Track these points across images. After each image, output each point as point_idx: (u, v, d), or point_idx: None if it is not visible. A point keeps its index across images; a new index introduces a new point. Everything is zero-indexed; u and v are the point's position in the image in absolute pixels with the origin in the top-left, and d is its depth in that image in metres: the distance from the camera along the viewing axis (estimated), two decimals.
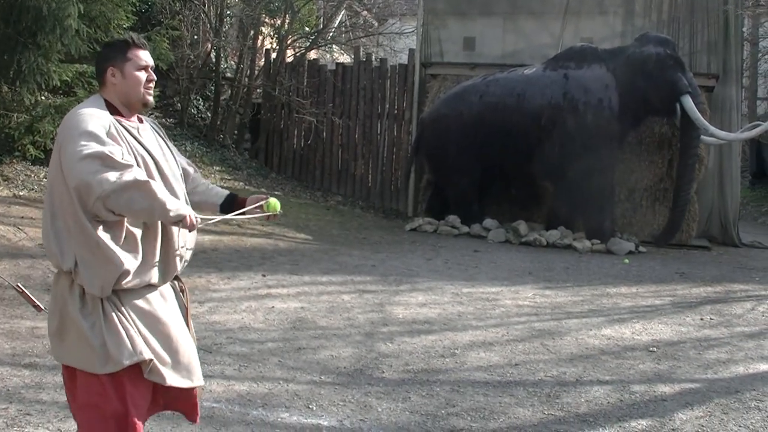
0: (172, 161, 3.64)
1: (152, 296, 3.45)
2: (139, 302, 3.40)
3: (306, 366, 6.82)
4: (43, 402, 5.57)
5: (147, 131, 3.59)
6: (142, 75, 3.53)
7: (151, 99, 3.59)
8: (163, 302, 3.49)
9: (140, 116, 3.63)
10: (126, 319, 3.33)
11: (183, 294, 3.67)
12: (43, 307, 3.77)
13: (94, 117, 3.33)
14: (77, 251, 3.28)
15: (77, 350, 3.33)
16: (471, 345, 7.80)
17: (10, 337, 7.08)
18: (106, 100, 3.50)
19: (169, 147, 3.69)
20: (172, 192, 3.48)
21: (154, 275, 3.43)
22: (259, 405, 5.77)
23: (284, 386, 6.23)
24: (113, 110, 3.47)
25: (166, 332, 3.45)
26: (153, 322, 3.41)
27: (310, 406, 5.80)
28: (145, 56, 3.56)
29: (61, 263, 3.33)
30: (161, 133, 3.71)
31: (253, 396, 5.95)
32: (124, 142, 3.38)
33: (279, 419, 5.54)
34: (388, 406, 5.89)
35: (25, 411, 5.38)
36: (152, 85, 3.58)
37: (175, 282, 3.63)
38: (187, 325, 3.62)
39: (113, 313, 3.32)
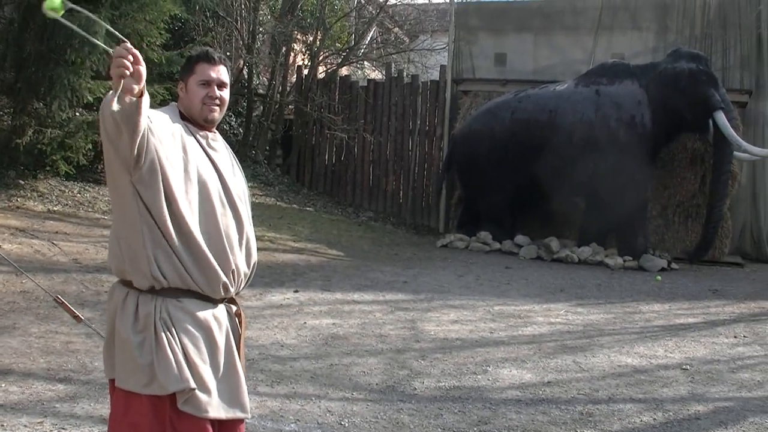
0: (241, 181, 3.59)
1: (205, 319, 3.34)
2: (190, 325, 3.29)
3: (338, 382, 6.83)
4: (77, 416, 5.61)
5: (219, 143, 3.54)
6: (202, 90, 3.44)
7: (213, 116, 3.48)
8: (216, 326, 3.37)
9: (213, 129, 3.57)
10: (175, 341, 3.23)
11: (238, 319, 3.54)
12: (82, 318, 3.79)
13: (163, 114, 3.35)
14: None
15: (122, 366, 3.26)
16: (503, 362, 7.78)
17: (45, 352, 7.13)
18: (180, 111, 3.48)
19: (238, 166, 3.63)
20: (236, 211, 3.44)
21: (197, 281, 3.30)
22: (292, 421, 5.78)
23: (317, 403, 6.24)
24: (186, 120, 3.46)
25: (216, 359, 3.35)
26: (203, 347, 3.31)
27: (343, 423, 5.81)
28: (210, 71, 3.47)
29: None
30: (231, 152, 3.65)
31: (285, 412, 5.96)
32: (190, 150, 3.34)
33: None
34: (420, 423, 5.89)
35: (59, 425, 5.42)
36: (217, 101, 3.47)
37: (231, 306, 3.51)
38: (239, 352, 3.48)
39: (164, 334, 3.23)
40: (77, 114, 13.77)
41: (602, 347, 8.58)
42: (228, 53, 20.33)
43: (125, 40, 2.94)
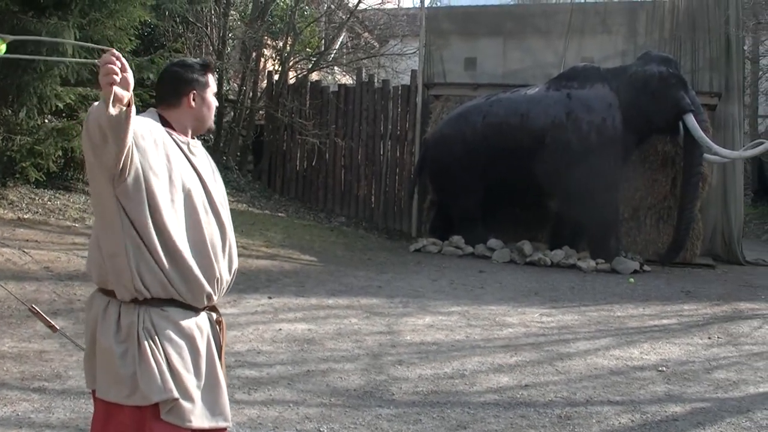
0: (221, 186, 3.58)
1: (188, 327, 3.29)
2: (174, 333, 3.23)
3: (315, 389, 6.79)
4: (53, 426, 5.55)
5: (199, 149, 3.52)
6: (215, 101, 3.54)
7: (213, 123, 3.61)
8: (199, 334, 3.32)
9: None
10: (158, 351, 3.18)
11: (219, 327, 3.49)
12: (58, 328, 3.74)
13: (146, 120, 3.29)
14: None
15: (103, 377, 3.21)
16: (480, 366, 7.78)
17: (19, 361, 7.05)
18: (160, 116, 3.42)
19: (217, 172, 3.62)
20: (218, 218, 3.41)
21: (181, 293, 3.25)
22: (270, 428, 5.75)
23: (294, 409, 6.21)
24: (167, 126, 3.41)
25: (199, 367, 3.30)
26: (187, 356, 3.26)
27: (321, 429, 5.78)
28: (214, 81, 3.57)
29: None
30: (209, 157, 3.64)
31: (263, 419, 5.93)
32: (173, 158, 3.30)
33: None
34: (399, 429, 5.87)
35: None
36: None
37: (212, 314, 3.47)
38: (220, 360, 3.43)
39: (147, 343, 3.17)
40: (46, 121, 13.64)
41: (578, 350, 8.61)
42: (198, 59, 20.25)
43: (110, 49, 2.90)
